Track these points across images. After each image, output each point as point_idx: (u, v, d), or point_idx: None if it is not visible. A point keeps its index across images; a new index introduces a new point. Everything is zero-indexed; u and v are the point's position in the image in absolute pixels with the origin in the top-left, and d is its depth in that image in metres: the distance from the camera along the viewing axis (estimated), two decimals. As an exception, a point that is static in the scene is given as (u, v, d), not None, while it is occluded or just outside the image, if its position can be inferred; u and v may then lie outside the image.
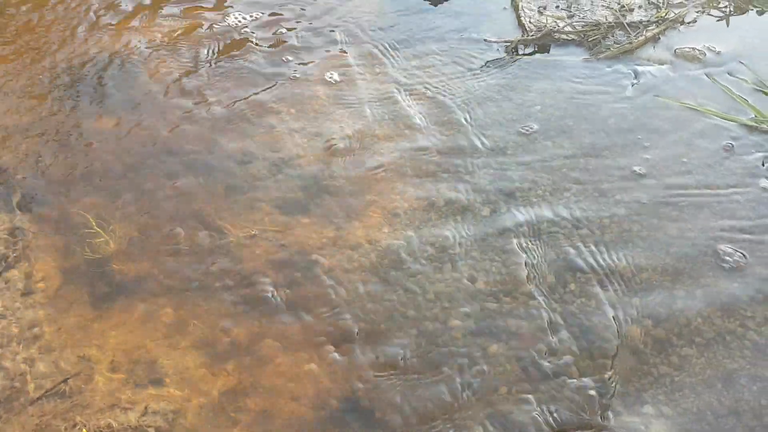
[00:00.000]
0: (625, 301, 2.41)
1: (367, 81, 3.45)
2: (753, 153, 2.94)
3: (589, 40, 3.63)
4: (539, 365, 2.24)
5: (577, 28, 3.70)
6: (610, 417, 2.11)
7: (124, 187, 2.90)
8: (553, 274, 2.50)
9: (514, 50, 3.62)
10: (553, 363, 2.24)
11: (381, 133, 3.13)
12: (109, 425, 2.12)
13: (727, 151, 2.95)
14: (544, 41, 3.67)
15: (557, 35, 3.68)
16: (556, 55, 3.58)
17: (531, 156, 2.97)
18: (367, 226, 2.71)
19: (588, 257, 2.55)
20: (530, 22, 3.77)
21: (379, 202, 2.80)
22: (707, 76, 3.36)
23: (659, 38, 3.63)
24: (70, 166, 3.00)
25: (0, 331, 2.37)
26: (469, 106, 3.26)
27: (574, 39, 3.66)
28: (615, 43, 3.60)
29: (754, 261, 2.51)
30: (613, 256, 2.55)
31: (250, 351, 2.31)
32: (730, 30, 3.69)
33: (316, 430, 2.11)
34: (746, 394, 2.16)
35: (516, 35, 3.71)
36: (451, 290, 2.47)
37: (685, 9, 3.82)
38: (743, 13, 3.82)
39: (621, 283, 2.47)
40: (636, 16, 3.77)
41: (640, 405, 2.14)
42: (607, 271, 2.50)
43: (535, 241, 2.62)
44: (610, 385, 2.19)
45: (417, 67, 3.53)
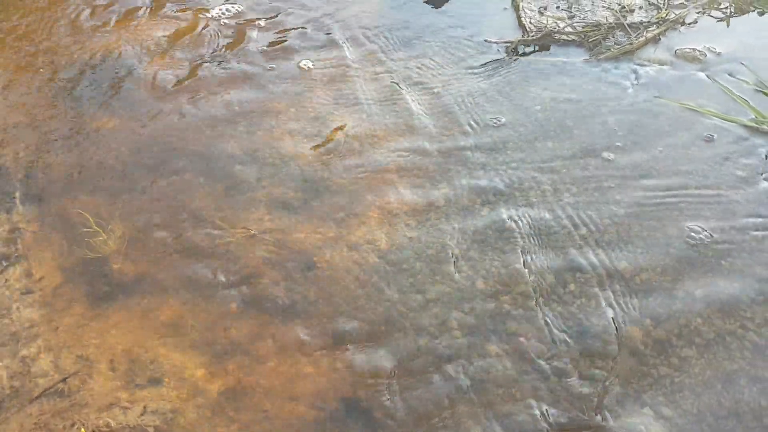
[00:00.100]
0: (626, 301, 2.41)
1: (367, 81, 3.45)
2: (754, 154, 2.94)
3: (590, 40, 3.63)
4: (539, 365, 2.24)
5: (578, 28, 3.70)
6: (610, 418, 2.11)
7: (124, 186, 2.89)
8: (553, 274, 2.50)
9: (515, 50, 3.62)
10: (552, 363, 2.24)
11: (381, 133, 3.13)
12: (107, 424, 2.11)
13: (727, 151, 2.95)
14: (545, 42, 3.67)
15: (558, 36, 3.68)
16: (557, 55, 3.58)
17: (531, 156, 2.97)
18: (366, 226, 2.70)
19: (590, 257, 2.55)
20: (531, 23, 3.77)
21: (379, 202, 2.80)
22: (708, 77, 3.36)
23: (660, 39, 3.63)
24: (70, 166, 3.00)
25: (-1, 330, 2.38)
26: (470, 106, 3.25)
27: (574, 40, 3.66)
28: (615, 43, 3.60)
29: (753, 261, 2.51)
30: (612, 255, 2.55)
31: (249, 351, 2.31)
32: (731, 31, 3.69)
33: (316, 431, 2.11)
34: (746, 395, 2.16)
35: (516, 35, 3.71)
36: (451, 290, 2.46)
37: (685, 10, 3.82)
38: (744, 14, 3.82)
39: (622, 282, 2.47)
40: (636, 17, 3.77)
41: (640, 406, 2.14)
42: (607, 271, 2.50)
43: (535, 241, 2.62)
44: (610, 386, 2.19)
45: (417, 67, 3.53)
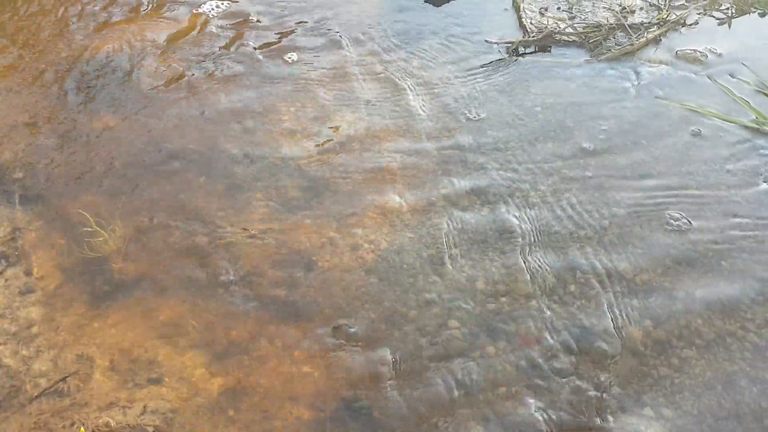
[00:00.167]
0: (626, 302, 2.41)
1: (367, 81, 3.45)
2: (755, 155, 2.94)
3: (591, 41, 3.63)
4: (539, 366, 2.24)
5: (579, 29, 3.70)
6: (610, 418, 2.11)
7: (124, 186, 2.89)
8: (553, 275, 2.50)
9: (515, 51, 3.62)
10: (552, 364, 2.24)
11: (381, 133, 3.13)
12: (107, 424, 2.11)
13: (727, 152, 2.94)
14: (545, 42, 3.66)
15: (558, 36, 3.68)
16: (558, 56, 3.58)
17: (531, 156, 2.97)
18: (366, 225, 2.70)
19: (591, 257, 2.55)
20: (531, 23, 3.77)
21: (379, 202, 2.79)
22: (708, 78, 3.35)
23: (660, 40, 3.63)
24: (70, 165, 3.00)
25: (-1, 329, 2.38)
26: (470, 106, 3.25)
27: (575, 40, 3.66)
28: (616, 44, 3.60)
29: (753, 262, 2.51)
30: (613, 255, 2.55)
31: (248, 351, 2.31)
32: (732, 32, 3.69)
33: (316, 431, 2.11)
34: (746, 396, 2.15)
35: (517, 36, 3.71)
36: (451, 290, 2.46)
37: (686, 11, 3.81)
38: (745, 15, 3.81)
39: (622, 282, 2.47)
40: (637, 18, 3.77)
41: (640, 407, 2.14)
42: (607, 271, 2.50)
43: (535, 241, 2.62)
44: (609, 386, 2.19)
45: (418, 67, 3.53)
